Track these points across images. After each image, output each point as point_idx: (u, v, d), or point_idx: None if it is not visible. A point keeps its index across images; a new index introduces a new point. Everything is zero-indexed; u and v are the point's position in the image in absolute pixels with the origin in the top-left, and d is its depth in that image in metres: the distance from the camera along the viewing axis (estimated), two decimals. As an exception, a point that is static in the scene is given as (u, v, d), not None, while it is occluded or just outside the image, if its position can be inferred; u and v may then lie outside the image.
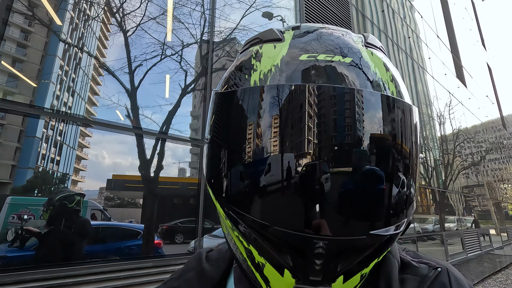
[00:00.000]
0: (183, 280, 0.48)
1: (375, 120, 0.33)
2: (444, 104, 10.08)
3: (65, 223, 2.33)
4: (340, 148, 0.32)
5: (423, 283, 0.38)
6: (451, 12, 13.38)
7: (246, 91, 0.36)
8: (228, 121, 0.38)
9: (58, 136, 2.59)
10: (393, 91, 0.37)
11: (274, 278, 0.33)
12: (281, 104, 0.33)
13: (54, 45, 2.63)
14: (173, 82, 3.38)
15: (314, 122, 0.31)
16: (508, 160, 16.99)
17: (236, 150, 0.35)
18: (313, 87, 0.33)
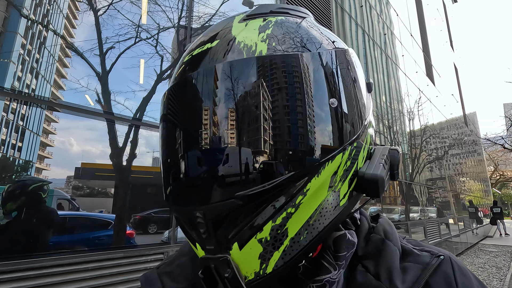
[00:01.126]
0: (176, 265, 0.49)
1: (208, 93, 0.35)
2: (414, 100, 10.57)
3: (31, 213, 2.20)
4: (188, 130, 0.36)
5: (426, 270, 0.37)
6: (424, 12, 13.91)
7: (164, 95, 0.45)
8: None
9: (20, 120, 2.40)
10: (262, 50, 0.35)
11: (195, 251, 0.38)
12: (163, 108, 0.43)
13: (15, 21, 2.41)
14: (148, 67, 3.25)
15: (175, 116, 0.39)
16: (467, 155, 18.30)
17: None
18: (169, 90, 0.41)
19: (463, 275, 0.38)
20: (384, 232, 0.43)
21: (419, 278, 0.37)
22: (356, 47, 7.50)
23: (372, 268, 0.38)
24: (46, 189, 2.32)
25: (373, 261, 0.39)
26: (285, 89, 0.33)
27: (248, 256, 0.32)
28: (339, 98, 0.36)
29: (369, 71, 8.06)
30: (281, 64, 0.34)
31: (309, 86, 0.34)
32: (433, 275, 0.37)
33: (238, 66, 0.34)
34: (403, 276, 0.37)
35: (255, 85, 0.33)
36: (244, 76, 0.33)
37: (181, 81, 0.39)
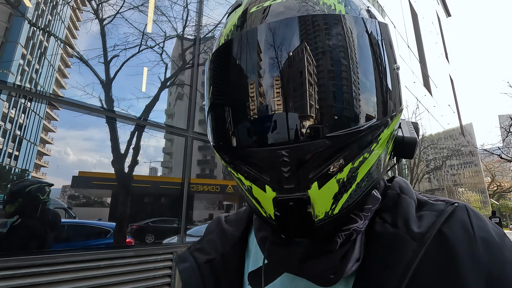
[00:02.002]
0: (205, 241, 0.52)
1: (312, 35, 0.36)
2: (411, 111, 10.67)
3: (37, 215, 2.21)
4: (280, 70, 0.35)
5: (441, 217, 0.39)
6: (420, 25, 14.20)
7: (214, 55, 0.42)
8: (208, 83, 0.44)
9: (18, 130, 2.39)
10: (341, 10, 0.39)
11: (261, 196, 0.37)
12: (237, 52, 0.38)
13: (16, 31, 2.42)
14: (152, 75, 3.27)
15: (262, 59, 0.36)
16: (464, 166, 18.38)
17: (211, 99, 0.42)
18: (245, 33, 0.38)
19: (479, 219, 0.39)
20: (399, 187, 0.46)
21: (434, 223, 0.38)
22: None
23: (389, 219, 0.40)
24: (46, 190, 2.29)
25: (390, 213, 0.41)
26: (371, 48, 0.38)
27: (325, 196, 0.35)
28: (397, 64, 0.43)
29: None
30: (364, 26, 0.38)
31: (384, 50, 0.40)
32: (448, 220, 0.38)
33: (332, 20, 0.37)
34: (419, 223, 0.39)
35: (352, 39, 0.37)
36: (342, 29, 0.36)
37: (265, 26, 0.37)
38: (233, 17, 0.44)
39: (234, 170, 0.40)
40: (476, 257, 0.35)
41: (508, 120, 18.59)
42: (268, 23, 0.37)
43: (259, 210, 0.39)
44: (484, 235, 0.37)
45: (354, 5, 0.41)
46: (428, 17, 16.45)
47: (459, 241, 0.36)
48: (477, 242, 0.36)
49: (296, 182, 0.33)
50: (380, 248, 0.39)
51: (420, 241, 0.37)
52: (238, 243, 0.50)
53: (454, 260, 0.35)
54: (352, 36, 0.37)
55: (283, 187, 0.34)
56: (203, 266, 0.48)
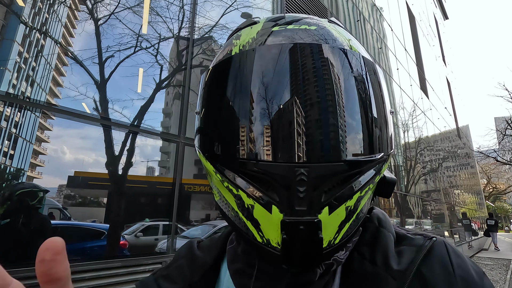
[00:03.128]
0: (173, 268, 0.49)
1: (340, 68, 0.38)
2: (408, 113, 10.72)
3: (23, 220, 2.13)
4: (311, 91, 0.36)
5: (419, 252, 0.38)
6: (417, 27, 14.29)
7: (232, 59, 0.41)
8: (210, 86, 0.42)
9: (13, 128, 2.37)
10: (356, 51, 0.42)
11: (263, 217, 0.34)
12: (261, 62, 0.38)
13: (12, 29, 2.40)
14: (147, 76, 3.25)
15: (293, 72, 0.36)
16: (460, 168, 18.48)
17: (219, 104, 0.40)
18: (290, 45, 0.38)
19: (458, 256, 0.39)
20: (378, 220, 0.45)
21: (413, 260, 0.38)
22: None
23: (368, 255, 0.40)
24: (37, 195, 2.25)
25: (369, 248, 0.40)
26: (381, 91, 0.42)
27: (333, 223, 0.34)
28: (392, 110, 0.46)
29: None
30: (372, 67, 0.42)
31: (386, 95, 0.44)
32: (427, 256, 0.38)
33: (359, 59, 0.40)
34: (398, 259, 0.38)
35: (374, 80, 0.41)
36: (365, 67, 0.40)
37: (300, 46, 0.38)
38: (251, 32, 0.44)
39: (234, 186, 0.37)
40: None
41: (504, 123, 18.73)
42: (311, 44, 0.38)
43: (253, 234, 0.36)
44: (464, 274, 0.37)
45: (361, 48, 0.45)
46: (425, 19, 16.55)
47: (438, 279, 0.36)
48: (457, 281, 0.36)
49: (308, 205, 0.32)
50: (358, 285, 0.37)
51: (400, 280, 0.36)
52: (208, 272, 0.46)
53: None
54: (374, 78, 0.41)
55: (294, 209, 0.32)
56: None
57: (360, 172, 0.36)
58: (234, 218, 0.39)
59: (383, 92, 0.42)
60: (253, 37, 0.42)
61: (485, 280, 0.38)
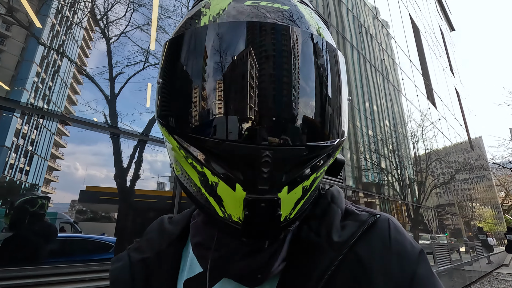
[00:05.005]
0: (144, 240, 0.52)
1: (307, 54, 0.39)
2: (417, 124, 10.61)
3: (28, 227, 2.21)
4: (279, 73, 0.37)
5: (361, 227, 0.40)
6: (422, 39, 14.36)
7: (197, 30, 0.40)
8: (183, 59, 0.40)
9: (30, 146, 2.47)
10: (323, 37, 0.43)
11: (227, 194, 0.36)
12: (230, 39, 0.37)
13: (31, 50, 2.55)
14: (155, 90, 3.36)
15: (255, 53, 0.36)
16: (476, 181, 17.94)
17: (194, 80, 0.38)
18: (259, 24, 0.38)
19: (398, 232, 0.41)
20: (331, 196, 0.48)
21: (354, 233, 0.40)
22: (359, 73, 7.69)
23: (314, 227, 0.42)
24: (37, 202, 2.30)
25: (317, 221, 0.43)
26: (342, 79, 0.44)
27: (290, 200, 0.37)
28: (349, 98, 0.48)
29: (372, 96, 8.19)
30: (334, 54, 0.43)
31: (346, 82, 0.46)
32: (368, 231, 0.40)
33: (324, 45, 0.41)
34: (340, 232, 0.41)
35: (337, 66, 0.43)
36: (329, 52, 0.42)
37: (271, 26, 0.38)
38: (222, 3, 0.42)
39: (198, 163, 0.38)
40: (388, 269, 0.36)
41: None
42: (282, 25, 0.38)
43: (215, 209, 0.38)
44: (399, 248, 0.38)
45: (328, 35, 0.46)
46: (430, 31, 16.64)
47: (374, 253, 0.38)
48: (391, 254, 0.38)
49: (270, 184, 0.34)
50: (302, 254, 0.40)
51: (337, 251, 0.38)
52: (175, 241, 0.49)
53: (367, 272, 0.36)
54: (335, 66, 0.42)
55: (257, 188, 0.34)
56: (136, 264, 0.47)
57: (318, 155, 0.38)
58: (196, 193, 0.40)
59: (341, 81, 0.44)
60: (224, 8, 0.41)
61: (420, 256, 0.39)
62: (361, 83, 7.69)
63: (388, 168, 8.08)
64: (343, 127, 0.43)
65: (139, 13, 3.43)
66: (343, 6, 7.95)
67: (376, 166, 7.53)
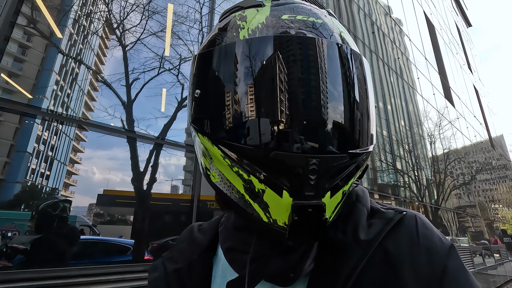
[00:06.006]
0: (176, 251, 0.54)
1: (346, 68, 0.41)
2: (434, 124, 10.32)
3: (54, 231, 2.30)
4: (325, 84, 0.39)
5: (388, 224, 0.41)
6: (437, 36, 13.99)
7: (245, 42, 0.41)
8: (230, 71, 0.41)
9: (50, 151, 2.56)
10: (350, 47, 0.45)
11: (274, 201, 0.37)
12: (273, 51, 0.39)
13: (51, 60, 2.65)
14: (170, 95, 3.43)
15: (301, 65, 0.39)
16: (498, 181, 17.24)
17: (240, 92, 0.39)
18: (302, 37, 0.40)
19: (426, 228, 0.41)
20: (356, 196, 0.48)
21: (381, 231, 0.40)
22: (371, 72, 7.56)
23: (341, 226, 0.43)
24: (59, 206, 2.38)
25: (343, 220, 0.44)
26: (371, 86, 0.46)
27: (332, 204, 0.38)
28: (375, 105, 0.49)
29: (386, 96, 8.03)
30: (362, 63, 0.45)
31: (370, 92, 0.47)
32: (395, 228, 0.41)
33: (357, 57, 0.43)
34: (367, 230, 0.41)
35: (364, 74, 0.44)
36: (359, 62, 0.44)
37: (311, 39, 0.40)
38: (259, 16, 0.44)
39: (245, 171, 0.39)
40: (417, 264, 0.37)
41: (543, 131, 17.43)
42: (330, 41, 0.41)
43: (259, 215, 0.39)
44: (428, 243, 0.39)
45: (353, 43, 0.48)
46: (446, 28, 16.20)
47: (402, 249, 0.38)
48: (420, 250, 0.38)
49: (316, 190, 0.36)
50: (329, 253, 0.41)
51: (365, 249, 0.39)
52: (204, 252, 0.51)
53: (396, 268, 0.36)
54: (363, 73, 0.44)
55: (303, 194, 0.36)
56: (171, 275, 0.49)
57: (356, 162, 0.40)
58: (239, 200, 0.41)
59: (370, 91, 0.46)
60: (262, 22, 0.42)
61: (451, 251, 0.39)
62: (374, 83, 7.57)
63: (404, 169, 7.89)
64: (373, 132, 0.46)
65: (154, 20, 3.51)
66: (354, 5, 7.86)
67: (392, 167, 7.37)
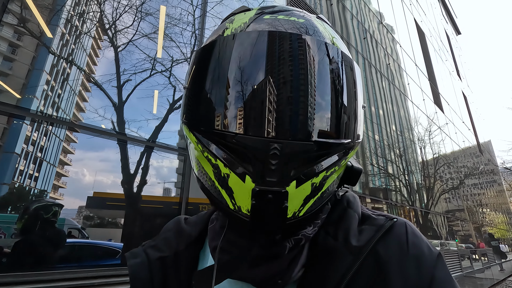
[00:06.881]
0: (161, 239, 0.53)
1: (318, 58, 0.40)
2: (424, 129, 10.50)
3: (39, 233, 2.26)
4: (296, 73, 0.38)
5: (378, 231, 0.41)
6: (427, 43, 14.29)
7: (223, 39, 0.43)
8: (202, 65, 0.43)
9: (39, 152, 2.51)
10: (337, 46, 0.45)
11: (237, 185, 0.37)
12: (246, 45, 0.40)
13: (42, 59, 2.62)
14: (162, 97, 3.41)
15: (269, 56, 0.39)
16: (486, 186, 17.60)
17: (209, 80, 0.41)
18: (274, 32, 0.40)
19: (415, 236, 0.41)
20: (347, 201, 0.48)
21: (372, 238, 0.40)
22: (364, 78, 7.68)
23: (332, 231, 0.43)
24: (51, 209, 2.35)
25: (334, 226, 0.44)
26: (356, 84, 0.45)
27: (298, 196, 0.37)
28: (364, 105, 0.48)
29: (378, 101, 8.15)
30: (349, 63, 0.44)
31: (360, 89, 0.47)
32: (386, 235, 0.40)
33: (336, 52, 0.43)
34: (358, 237, 0.41)
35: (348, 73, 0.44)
36: (342, 61, 0.43)
37: (293, 35, 0.40)
38: (244, 18, 0.46)
39: (213, 156, 0.40)
40: (406, 273, 0.37)
41: (529, 137, 17.90)
42: (293, 33, 0.41)
43: (226, 202, 0.39)
44: (417, 252, 0.39)
45: (342, 45, 0.48)
46: (436, 35, 16.57)
47: (392, 257, 0.38)
48: (409, 258, 0.38)
49: (278, 177, 0.35)
50: (320, 258, 0.40)
51: (356, 255, 0.38)
52: (193, 243, 0.50)
53: (385, 275, 0.36)
54: (349, 71, 0.44)
55: (265, 180, 0.35)
56: (154, 262, 0.48)
57: (328, 153, 0.39)
58: (210, 187, 0.41)
59: (356, 87, 0.45)
60: (245, 22, 0.45)
61: (438, 260, 0.39)
62: (366, 88, 7.67)
63: (395, 173, 7.99)
64: (358, 131, 0.44)
65: (146, 22, 3.49)
66: (347, 12, 7.98)
67: (383, 171, 7.45)
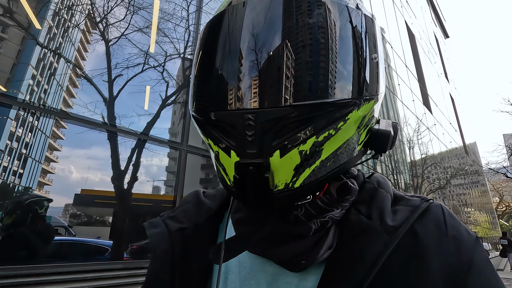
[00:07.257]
0: (180, 211, 0.52)
1: (293, 9, 0.37)
2: (412, 129, 10.70)
3: (30, 227, 2.24)
4: (262, 34, 0.36)
5: (415, 212, 0.39)
6: (418, 46, 14.55)
7: (205, 26, 0.43)
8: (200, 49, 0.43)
9: (24, 149, 2.44)
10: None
11: (226, 161, 0.37)
12: (215, 27, 0.40)
13: (28, 53, 2.54)
14: (154, 92, 3.36)
15: (236, 32, 0.38)
16: (471, 186, 18.06)
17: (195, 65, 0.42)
18: (232, 5, 0.39)
19: (453, 218, 0.40)
20: (377, 182, 0.47)
21: (408, 218, 0.38)
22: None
23: (364, 211, 0.41)
24: (44, 205, 2.33)
25: (366, 205, 0.42)
26: (352, 33, 0.39)
27: (286, 165, 0.35)
28: (377, 56, 0.42)
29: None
30: (348, 14, 0.39)
31: (365, 39, 0.40)
32: (422, 216, 0.39)
33: (316, 3, 0.38)
34: (393, 216, 0.39)
35: (333, 21, 0.38)
36: (324, 11, 0.38)
37: (251, 2, 0.38)
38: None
39: (205, 135, 0.40)
40: (445, 254, 0.36)
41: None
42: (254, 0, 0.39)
43: (224, 178, 0.39)
44: (456, 234, 0.38)
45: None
46: (425, 38, 16.87)
47: (430, 237, 0.37)
48: (448, 239, 0.37)
49: (259, 148, 0.34)
50: (353, 238, 0.39)
51: (393, 235, 0.37)
52: (213, 216, 0.50)
53: (423, 256, 0.35)
54: (334, 19, 0.38)
55: (246, 152, 0.34)
56: (174, 233, 0.48)
57: (313, 116, 0.35)
58: (216, 168, 0.41)
59: (357, 34, 0.39)
60: (230, 1, 0.42)
61: (477, 243, 0.38)
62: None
63: (384, 172, 8.12)
64: (367, 86, 0.39)
65: (139, 16, 3.43)
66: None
67: (373, 170, 7.56)
